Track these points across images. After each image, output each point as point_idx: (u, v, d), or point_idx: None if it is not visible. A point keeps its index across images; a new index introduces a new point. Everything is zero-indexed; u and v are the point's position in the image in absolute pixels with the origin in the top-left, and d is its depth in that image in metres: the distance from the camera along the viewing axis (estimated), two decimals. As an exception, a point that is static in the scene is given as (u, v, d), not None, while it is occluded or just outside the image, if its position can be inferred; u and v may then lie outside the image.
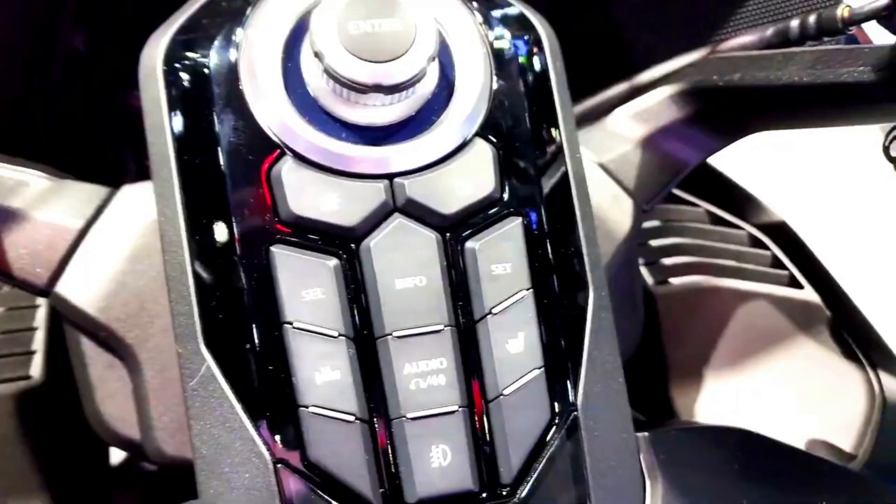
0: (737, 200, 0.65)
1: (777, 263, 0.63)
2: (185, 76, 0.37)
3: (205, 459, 0.36)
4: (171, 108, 0.37)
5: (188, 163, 0.37)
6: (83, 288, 0.41)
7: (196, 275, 0.36)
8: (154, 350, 0.41)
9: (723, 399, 0.56)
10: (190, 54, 0.37)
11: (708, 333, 0.59)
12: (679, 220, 0.64)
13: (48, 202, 0.42)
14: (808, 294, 0.61)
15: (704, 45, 0.55)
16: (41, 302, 0.58)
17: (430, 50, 0.35)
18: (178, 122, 0.37)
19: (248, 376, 0.36)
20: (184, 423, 0.37)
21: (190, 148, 0.37)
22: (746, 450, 0.43)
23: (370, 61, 0.34)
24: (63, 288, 0.41)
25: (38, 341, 0.55)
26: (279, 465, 0.35)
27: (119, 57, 0.59)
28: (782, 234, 0.64)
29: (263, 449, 0.35)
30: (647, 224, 0.63)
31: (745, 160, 0.64)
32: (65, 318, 0.43)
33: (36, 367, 0.54)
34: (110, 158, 0.71)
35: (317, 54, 0.35)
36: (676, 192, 0.65)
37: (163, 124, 0.37)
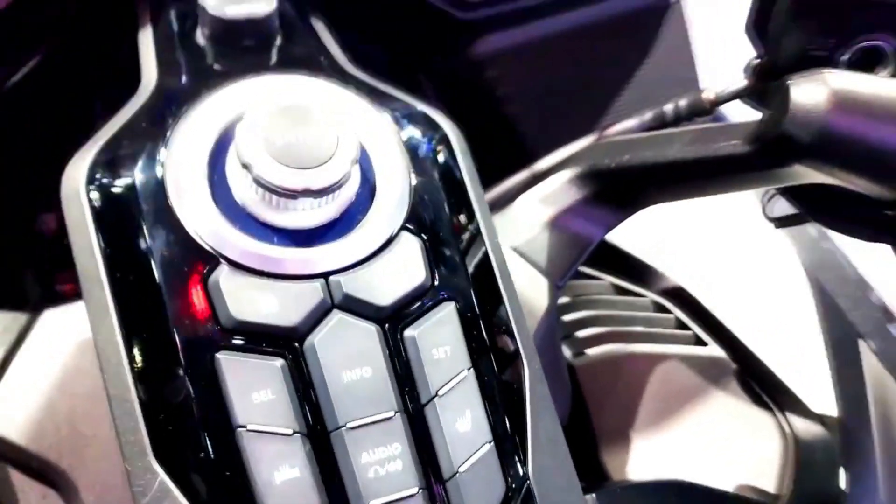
0: (636, 270, 0.70)
1: (681, 325, 0.67)
2: (110, 195, 0.38)
3: None
4: (99, 229, 0.37)
5: (121, 281, 0.37)
6: (11, 419, 0.40)
7: (140, 391, 0.36)
8: (91, 473, 0.40)
9: (650, 457, 0.59)
10: (114, 174, 0.38)
11: (628, 397, 0.62)
12: (586, 293, 0.68)
13: None
14: (714, 350, 0.66)
15: (591, 131, 0.60)
16: None
17: (353, 153, 0.37)
18: (106, 242, 0.37)
19: (204, 485, 0.35)
20: None
21: (121, 266, 0.37)
22: (686, 499, 0.45)
23: (298, 168, 0.36)
24: None
25: None
26: None
27: (24, 183, 0.59)
28: (681, 297, 0.68)
29: None
30: (559, 301, 0.67)
31: (639, 232, 0.69)
32: None
33: None
34: (15, 285, 0.69)
35: (245, 166, 0.36)
36: (581, 268, 0.69)
37: (90, 245, 0.37)
